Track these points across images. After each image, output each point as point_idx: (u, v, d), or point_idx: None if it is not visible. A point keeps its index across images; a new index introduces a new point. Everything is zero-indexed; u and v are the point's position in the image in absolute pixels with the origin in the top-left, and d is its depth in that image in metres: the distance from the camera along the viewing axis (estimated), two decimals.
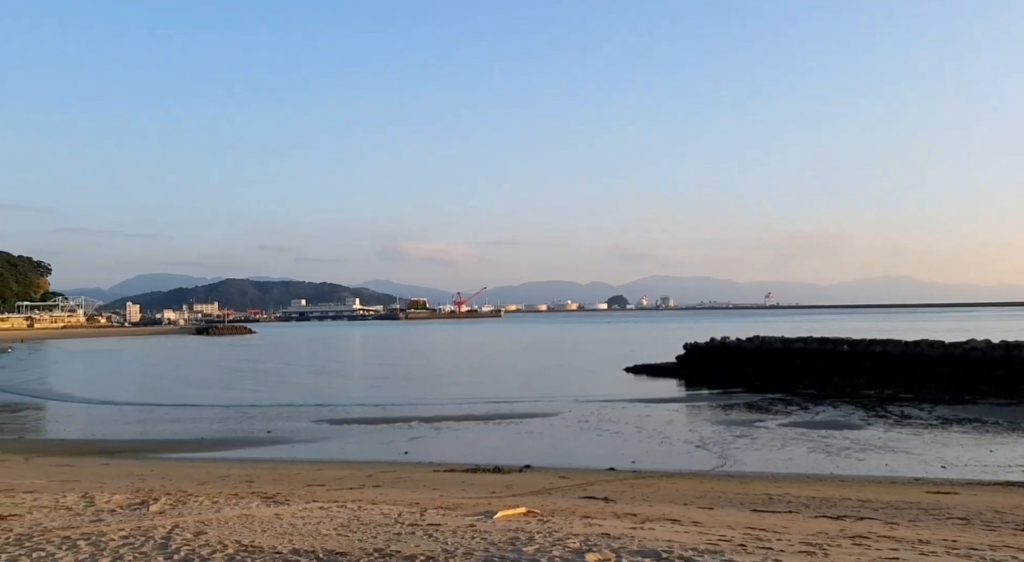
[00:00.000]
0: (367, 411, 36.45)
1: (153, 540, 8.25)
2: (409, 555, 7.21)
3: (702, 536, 8.59)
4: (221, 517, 9.70)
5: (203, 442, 27.11)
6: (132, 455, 23.36)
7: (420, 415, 33.60)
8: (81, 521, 9.60)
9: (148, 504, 10.85)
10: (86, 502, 11.18)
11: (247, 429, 30.83)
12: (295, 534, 8.45)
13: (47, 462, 20.36)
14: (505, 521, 9.40)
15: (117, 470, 18.67)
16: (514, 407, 36.24)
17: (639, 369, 55.49)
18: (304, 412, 36.28)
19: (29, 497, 11.96)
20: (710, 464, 21.93)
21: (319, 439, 27.93)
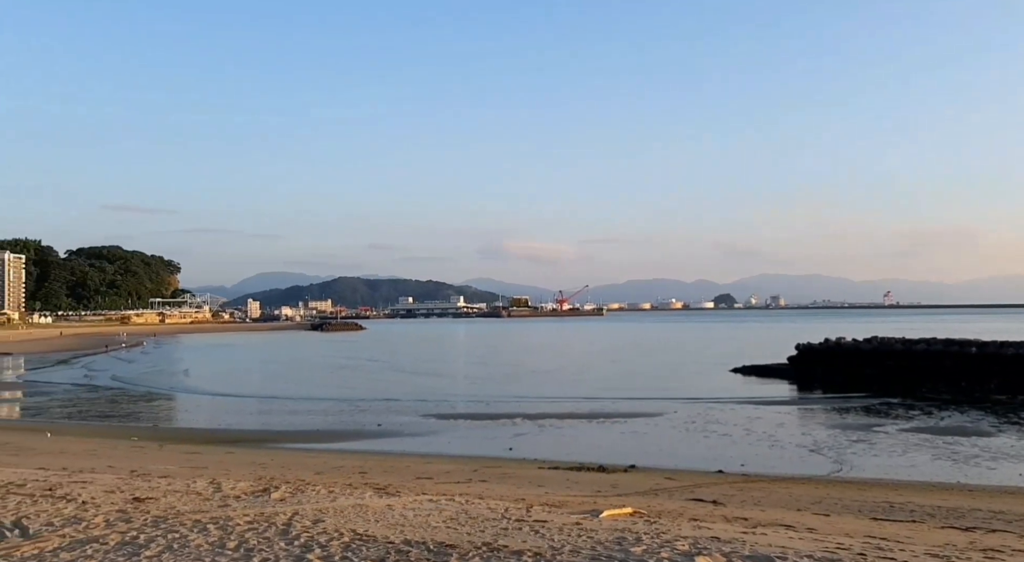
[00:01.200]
0: (472, 407, 37.04)
1: (275, 526, 8.69)
2: (516, 550, 7.30)
3: (818, 543, 8.29)
4: (337, 506, 10.11)
5: (319, 434, 28.27)
6: (254, 444, 24.65)
7: (524, 412, 33.84)
8: (210, 506, 10.21)
9: (270, 492, 11.43)
10: (214, 488, 11.88)
11: (359, 422, 31.93)
12: (406, 525, 8.70)
13: (178, 449, 21.76)
14: (611, 520, 9.36)
15: (241, 458, 19.75)
16: (618, 406, 35.96)
17: (748, 370, 53.89)
18: (412, 407, 37.24)
19: (163, 482, 12.83)
20: (825, 469, 21.06)
21: (427, 433, 28.60)
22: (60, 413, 36.34)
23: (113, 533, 8.42)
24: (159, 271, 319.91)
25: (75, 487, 11.87)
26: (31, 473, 13.79)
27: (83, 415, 35.69)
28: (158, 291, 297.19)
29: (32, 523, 8.96)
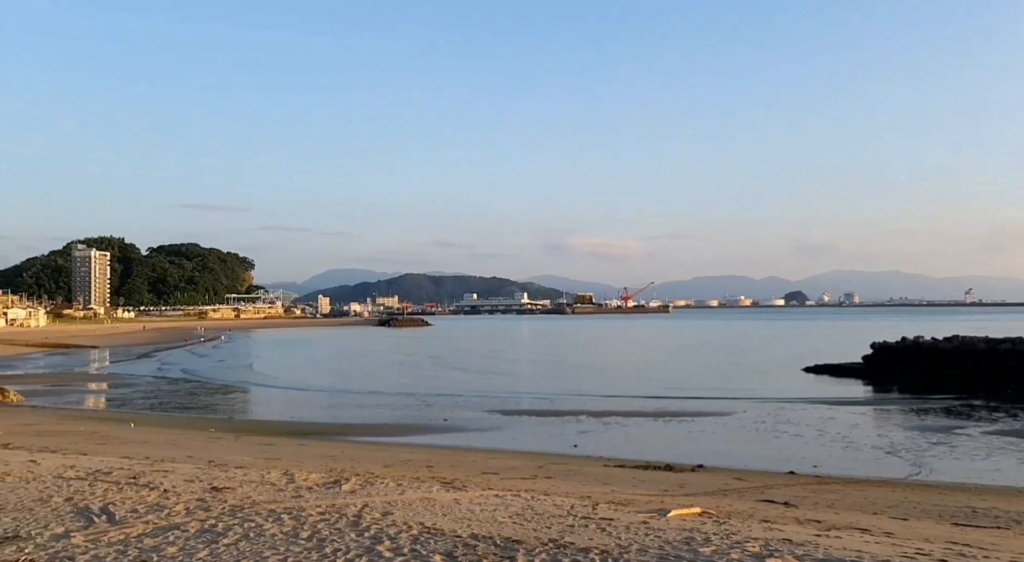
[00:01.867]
0: (537, 403, 37.10)
1: (346, 517, 8.89)
2: (583, 548, 7.28)
3: (896, 548, 8.01)
4: (405, 499, 10.27)
5: (386, 427, 28.77)
6: (324, 437, 25.25)
7: (588, 409, 33.72)
8: (284, 496, 10.51)
9: (340, 483, 11.69)
10: (287, 479, 12.22)
11: (425, 416, 32.37)
12: (473, 519, 8.78)
13: (253, 441, 22.45)
14: (679, 520, 9.25)
15: (312, 450, 20.26)
16: (684, 405, 35.47)
17: (820, 369, 52.42)
18: (477, 402, 37.54)
19: (239, 472, 13.26)
20: (902, 472, 20.34)
21: (492, 429, 28.78)
22: (143, 404, 37.95)
23: (193, 521, 8.75)
24: (234, 268, 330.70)
25: (157, 476, 12.39)
26: (117, 461, 14.45)
27: (164, 406, 37.19)
28: (233, 287, 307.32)
29: (118, 510, 9.39)
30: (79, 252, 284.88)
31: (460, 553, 7.07)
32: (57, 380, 51.60)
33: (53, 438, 19.70)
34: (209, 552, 7.31)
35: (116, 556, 7.18)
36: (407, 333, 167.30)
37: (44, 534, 8.10)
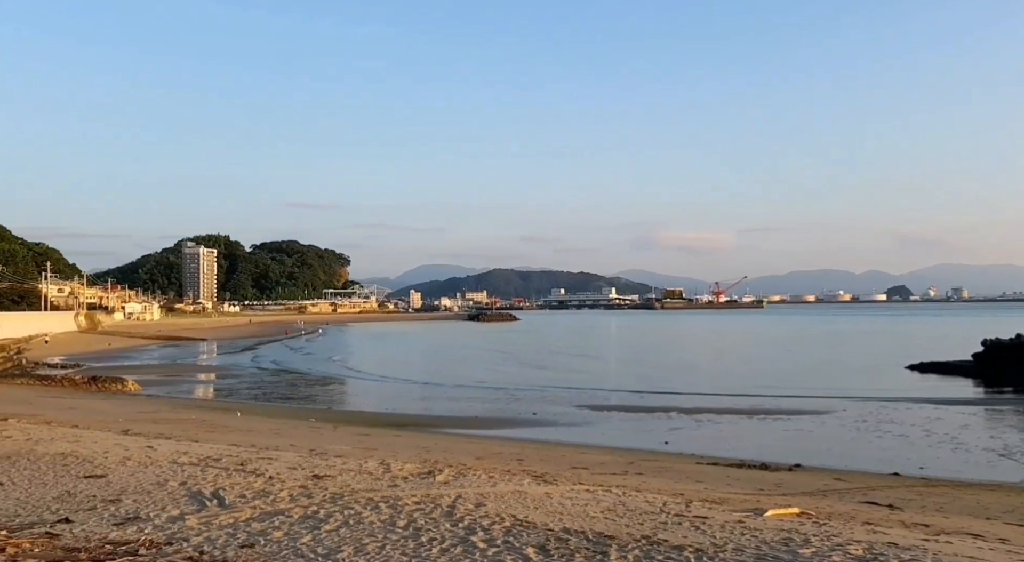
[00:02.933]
0: (626, 399, 36.82)
1: (440, 508, 9.09)
2: (677, 545, 7.22)
3: (1012, 556, 7.59)
4: (497, 491, 10.42)
5: (477, 420, 29.17)
6: (418, 428, 25.84)
7: (679, 406, 33.21)
8: (381, 485, 10.84)
9: (434, 474, 11.95)
10: (383, 468, 12.59)
11: (515, 410, 32.63)
12: (565, 513, 8.83)
13: (350, 431, 23.20)
14: (776, 520, 9.02)
15: (406, 441, 20.77)
16: (780, 403, 34.45)
17: (926, 367, 49.87)
18: (566, 396, 37.56)
19: (339, 461, 13.74)
20: (1018, 475, 19.15)
21: (581, 423, 28.75)
22: (247, 394, 39.77)
23: (297, 507, 9.14)
24: (331, 264, 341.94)
25: (263, 463, 12.98)
26: (225, 449, 15.22)
27: (267, 397, 38.87)
28: (330, 282, 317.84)
29: (228, 494, 9.90)
30: (189, 249, 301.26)
31: (552, 546, 7.13)
32: (170, 371, 54.68)
33: (167, 425, 20.91)
34: (312, 538, 7.63)
35: (226, 539, 7.58)
36: (495, 328, 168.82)
37: (161, 516, 8.64)
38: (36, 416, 21.26)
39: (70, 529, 7.85)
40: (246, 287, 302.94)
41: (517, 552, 6.93)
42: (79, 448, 14.06)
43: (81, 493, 9.83)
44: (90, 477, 10.99)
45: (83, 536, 7.53)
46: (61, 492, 9.88)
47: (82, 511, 8.76)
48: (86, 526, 8.02)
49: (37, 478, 10.90)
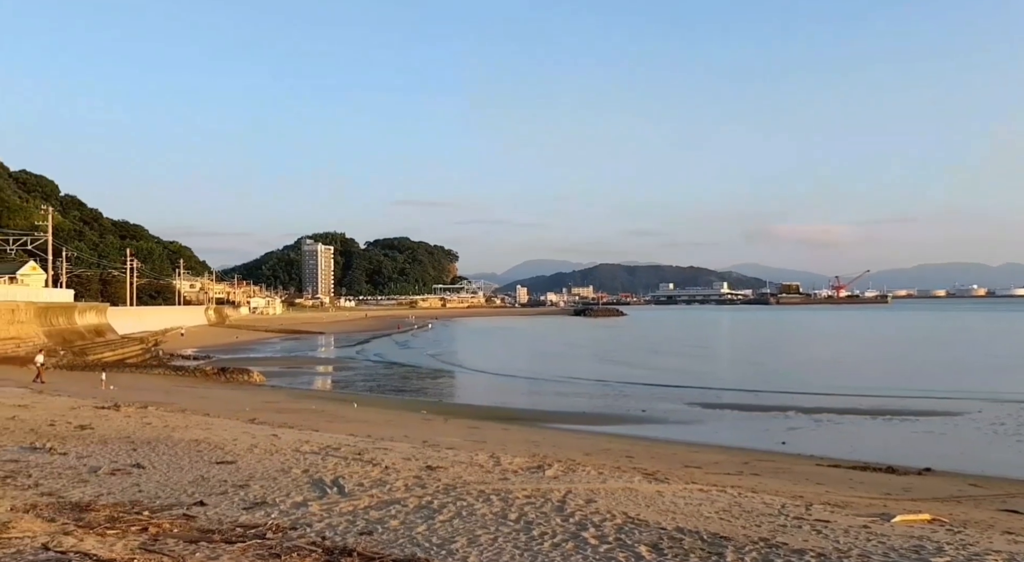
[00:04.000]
0: (740, 397, 35.74)
1: (551, 502, 9.10)
2: (797, 549, 6.93)
3: None
4: (608, 488, 10.34)
5: (585, 416, 29.08)
6: (526, 422, 26.01)
7: (797, 405, 31.94)
8: (491, 478, 10.97)
9: (544, 469, 11.99)
10: (494, 461, 12.74)
11: (623, 407, 32.31)
12: (677, 512, 8.66)
13: (460, 423, 23.64)
14: (905, 526, 8.52)
15: (515, 435, 20.96)
16: (907, 403, 32.55)
17: None
18: (676, 394, 36.86)
19: (450, 453, 14.01)
20: None
21: (692, 422, 28.15)
22: (363, 386, 41.23)
23: (411, 497, 9.38)
24: (440, 260, 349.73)
25: (379, 453, 13.40)
26: (343, 438, 15.82)
27: (381, 389, 40.16)
28: (440, 278, 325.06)
29: (347, 483, 10.28)
30: (308, 247, 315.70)
31: (666, 545, 7.00)
32: (291, 363, 57.41)
33: (290, 415, 21.95)
34: (427, 527, 7.80)
35: (346, 526, 7.87)
36: (602, 323, 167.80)
37: (286, 502, 9.06)
38: (172, 404, 22.80)
39: (204, 511, 8.36)
40: (360, 282, 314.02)
41: (629, 550, 6.85)
42: (211, 435, 14.96)
43: (213, 478, 10.46)
44: (221, 463, 11.67)
45: (216, 519, 8.00)
46: (196, 476, 10.54)
47: (215, 495, 9.31)
48: (218, 509, 8.52)
49: (174, 463, 11.68)
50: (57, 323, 53.03)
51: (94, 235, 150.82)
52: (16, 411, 18.23)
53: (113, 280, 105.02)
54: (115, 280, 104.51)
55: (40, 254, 72.37)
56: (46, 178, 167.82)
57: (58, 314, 54.75)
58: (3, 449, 12.58)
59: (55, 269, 73.66)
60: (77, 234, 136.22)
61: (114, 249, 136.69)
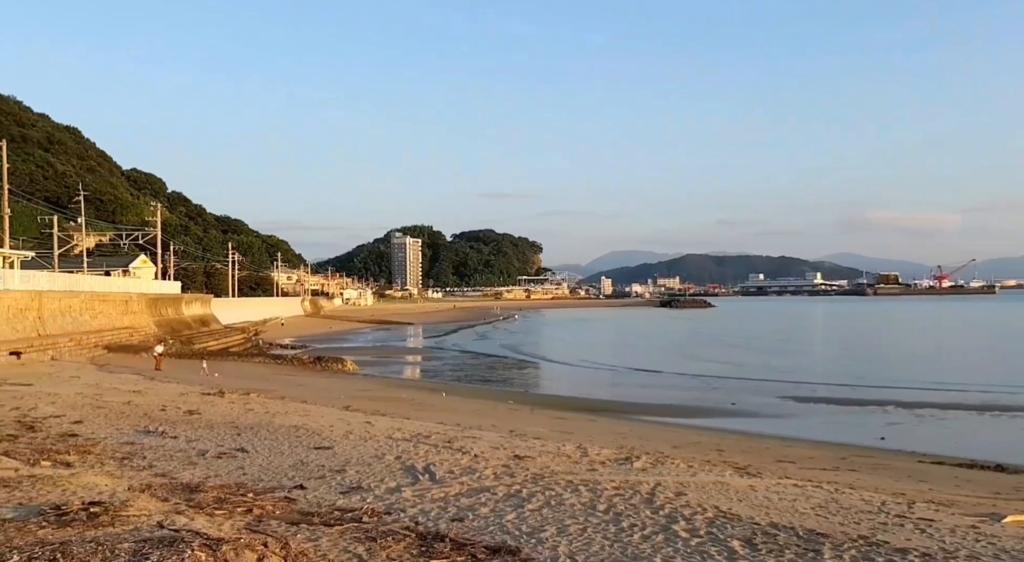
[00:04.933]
0: (834, 391, 34.51)
1: (639, 494, 9.07)
2: (899, 548, 6.69)
3: None
4: (698, 481, 10.21)
5: (672, 408, 28.70)
6: (612, 414, 25.90)
7: (896, 399, 30.60)
8: (579, 469, 11.01)
9: (632, 461, 11.94)
10: (581, 452, 12.77)
11: (712, 399, 31.71)
12: (771, 508, 8.48)
13: (546, 414, 23.75)
14: (1017, 527, 8.10)
15: (602, 426, 20.92)
16: (1017, 398, 30.71)
17: None
18: (767, 387, 35.91)
19: (537, 443, 14.12)
20: None
21: (785, 416, 27.39)
22: (450, 376, 41.93)
23: (500, 485, 9.52)
24: (525, 251, 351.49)
25: (467, 441, 13.65)
26: (433, 426, 16.17)
27: (468, 378, 40.75)
28: (524, 269, 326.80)
29: (438, 470, 10.52)
30: (397, 239, 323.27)
31: (760, 540, 6.88)
32: (382, 352, 58.94)
33: (382, 403, 22.57)
34: (516, 515, 7.91)
35: (438, 512, 8.07)
36: (689, 314, 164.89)
37: (380, 487, 9.36)
38: (272, 392, 23.80)
39: (304, 495, 8.73)
40: (447, 274, 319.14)
41: (722, 544, 6.76)
42: (309, 421, 15.57)
43: (312, 463, 10.90)
44: (319, 448, 12.14)
45: (315, 502, 8.34)
46: (295, 461, 11.01)
47: (313, 479, 9.70)
48: (317, 493, 8.87)
49: (275, 447, 12.22)
50: (166, 313, 56.10)
51: (198, 230, 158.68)
52: (131, 397, 19.43)
53: (216, 272, 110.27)
54: (218, 272, 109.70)
55: (150, 248, 76.69)
56: (155, 176, 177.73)
57: (167, 305, 57.90)
58: (121, 432, 13.46)
59: (164, 262, 77.95)
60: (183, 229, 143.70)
61: (217, 243, 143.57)
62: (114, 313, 45.44)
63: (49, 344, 33.51)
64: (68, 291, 40.74)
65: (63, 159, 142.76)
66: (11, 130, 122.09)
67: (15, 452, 10.84)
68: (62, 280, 42.50)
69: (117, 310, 46.36)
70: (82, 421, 14.55)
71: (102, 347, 38.08)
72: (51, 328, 35.67)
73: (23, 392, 19.40)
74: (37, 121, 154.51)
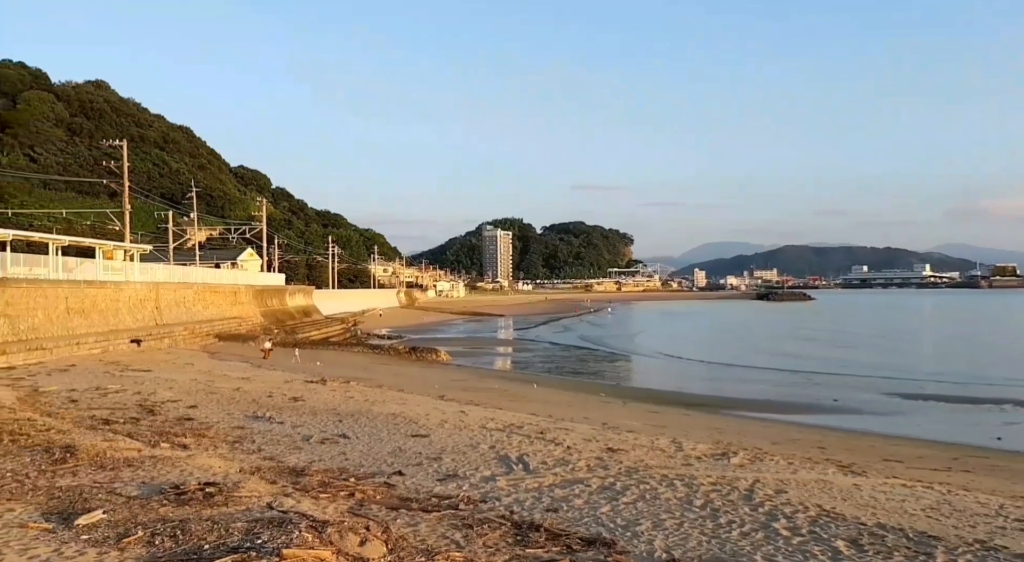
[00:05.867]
0: (944, 388, 32.70)
1: (738, 491, 8.89)
2: (1020, 554, 6.33)
3: None
4: (798, 479, 9.92)
5: (771, 404, 27.87)
6: (707, 409, 25.37)
7: (1015, 398, 28.73)
8: (674, 463, 10.88)
9: (728, 456, 11.70)
10: (675, 447, 12.61)
11: (812, 395, 30.63)
12: (878, 508, 8.16)
13: (639, 408, 23.52)
14: None
15: (697, 421, 20.55)
16: None
17: None
18: (871, 383, 34.40)
19: (630, 436, 14.02)
20: None
21: (891, 413, 26.18)
22: (541, 367, 42.08)
23: (594, 477, 9.53)
24: (615, 243, 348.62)
25: (560, 433, 13.69)
26: (525, 417, 16.29)
27: (559, 370, 40.78)
28: (615, 262, 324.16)
29: (531, 460, 10.61)
30: (488, 232, 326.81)
31: (866, 541, 6.64)
32: (474, 343, 59.73)
33: (474, 393, 22.90)
34: (611, 508, 7.91)
35: (533, 502, 8.14)
36: (787, 307, 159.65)
37: (476, 475, 9.52)
38: (370, 380, 24.53)
39: (403, 481, 8.98)
40: (537, 267, 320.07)
41: (825, 544, 6.56)
42: (405, 410, 15.97)
43: (409, 450, 11.19)
44: (416, 436, 12.46)
45: (413, 488, 8.57)
46: (394, 448, 11.33)
47: (411, 466, 9.96)
48: (415, 479, 9.12)
49: (375, 434, 12.61)
50: (271, 304, 58.62)
51: (301, 224, 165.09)
52: (240, 383, 20.43)
53: (317, 265, 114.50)
54: (319, 265, 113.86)
55: (256, 242, 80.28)
56: (260, 172, 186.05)
57: (272, 296, 60.49)
58: (232, 417, 14.19)
59: (268, 255, 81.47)
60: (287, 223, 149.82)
61: (318, 236, 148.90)
62: (224, 304, 47.81)
63: (165, 333, 35.60)
64: (182, 283, 43.16)
65: (177, 157, 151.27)
66: (131, 131, 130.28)
67: (137, 434, 11.61)
68: (177, 272, 45.06)
69: (226, 301, 48.76)
70: (196, 406, 15.42)
71: (213, 336, 40.16)
72: (167, 318, 37.87)
73: (143, 378, 20.70)
74: (154, 122, 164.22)
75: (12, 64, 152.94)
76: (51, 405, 14.71)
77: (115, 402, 15.56)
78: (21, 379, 19.22)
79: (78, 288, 30.39)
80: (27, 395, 16.05)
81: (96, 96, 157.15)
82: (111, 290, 33.29)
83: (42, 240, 33.63)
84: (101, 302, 31.90)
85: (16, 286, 26.01)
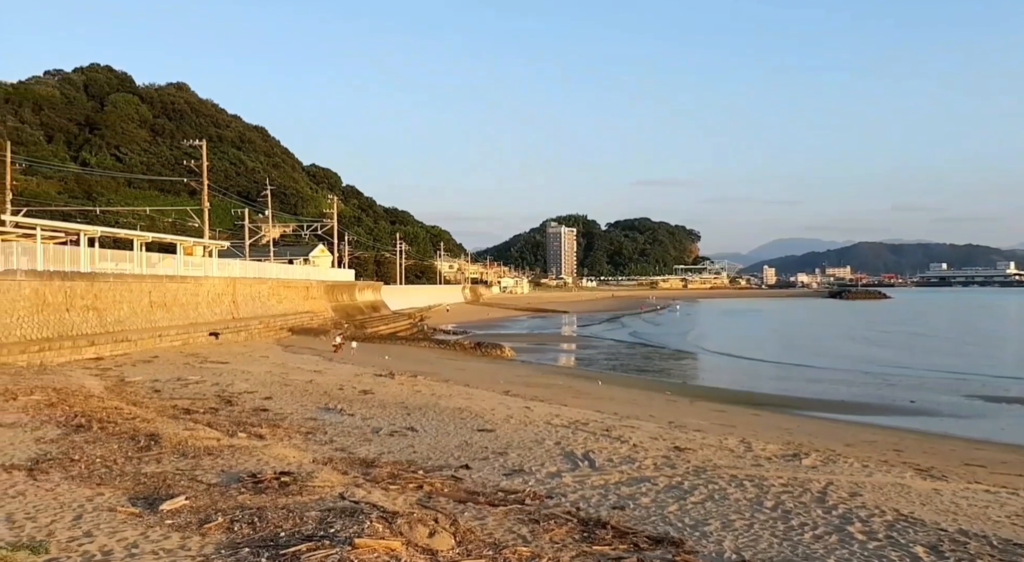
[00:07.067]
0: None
1: (810, 492, 8.70)
2: None
3: None
4: (874, 481, 9.64)
5: (843, 404, 27.07)
6: (776, 409, 24.81)
7: None
8: (743, 463, 10.70)
9: (800, 457, 11.45)
10: (744, 447, 12.40)
11: (888, 396, 29.62)
12: (959, 513, 7.88)
13: (706, 406, 23.16)
14: None
15: (766, 421, 20.12)
16: None
17: None
18: (950, 384, 33.04)
19: (698, 435, 13.85)
20: None
21: (973, 416, 25.11)
22: (606, 364, 41.84)
23: (661, 476, 9.46)
24: (681, 240, 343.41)
25: (625, 430, 13.63)
26: (591, 414, 16.26)
27: (624, 368, 40.48)
28: (680, 258, 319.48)
29: (597, 457, 10.60)
30: (552, 229, 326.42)
31: (947, 548, 6.42)
32: (538, 339, 59.82)
33: (539, 389, 22.95)
34: (678, 507, 7.84)
35: (599, 499, 8.14)
36: (861, 306, 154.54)
37: (541, 471, 9.57)
38: (437, 375, 24.85)
39: (469, 475, 9.09)
40: (601, 263, 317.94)
41: (903, 549, 6.37)
42: (471, 404, 16.14)
43: (476, 444, 11.32)
44: (482, 431, 12.58)
45: (480, 482, 8.67)
46: (460, 442, 11.48)
47: (477, 460, 10.08)
48: (481, 473, 9.22)
49: (442, 428, 12.78)
50: (341, 299, 59.93)
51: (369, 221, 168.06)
52: (312, 376, 20.99)
53: (385, 261, 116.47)
54: (387, 261, 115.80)
55: (327, 238, 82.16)
56: (331, 171, 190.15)
57: (342, 291, 61.84)
58: (305, 408, 14.60)
59: (339, 251, 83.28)
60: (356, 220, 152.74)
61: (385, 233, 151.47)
62: (296, 298, 49.12)
63: (242, 326, 36.80)
64: (257, 278, 44.51)
65: (252, 156, 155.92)
66: (209, 131, 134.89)
67: (216, 424, 12.06)
68: (252, 268, 46.47)
69: (299, 296, 50.08)
70: (271, 397, 15.92)
71: (286, 329, 41.32)
72: (243, 311, 39.13)
73: (221, 369, 21.46)
74: (231, 122, 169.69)
75: (100, 68, 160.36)
76: (136, 395, 15.41)
77: (195, 393, 16.20)
78: (108, 369, 20.18)
79: (160, 283, 31.68)
80: (114, 385, 16.85)
81: (177, 98, 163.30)
82: (191, 285, 34.59)
83: (127, 237, 35.13)
84: (182, 296, 33.17)
85: (104, 281, 27.29)
